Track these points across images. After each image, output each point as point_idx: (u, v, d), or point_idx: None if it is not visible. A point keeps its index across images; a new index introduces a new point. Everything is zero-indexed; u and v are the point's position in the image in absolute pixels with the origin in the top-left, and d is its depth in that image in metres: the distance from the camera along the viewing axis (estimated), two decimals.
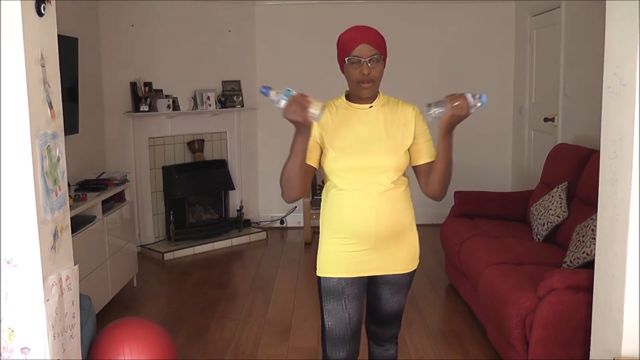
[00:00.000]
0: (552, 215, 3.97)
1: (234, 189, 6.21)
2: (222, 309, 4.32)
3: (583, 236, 3.27)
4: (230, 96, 6.17)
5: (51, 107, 1.96)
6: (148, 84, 5.64)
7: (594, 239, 2.77)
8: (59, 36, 2.04)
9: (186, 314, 4.22)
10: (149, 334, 2.62)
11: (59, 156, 2.01)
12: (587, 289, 2.59)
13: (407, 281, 2.36)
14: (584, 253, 3.19)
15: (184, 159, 5.99)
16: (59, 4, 2.04)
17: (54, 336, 1.93)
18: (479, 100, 1.98)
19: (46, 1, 1.91)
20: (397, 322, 2.48)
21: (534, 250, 3.84)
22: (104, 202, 4.11)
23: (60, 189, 2.02)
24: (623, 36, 2.01)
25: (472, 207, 4.73)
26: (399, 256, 2.28)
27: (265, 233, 6.24)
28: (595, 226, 2.36)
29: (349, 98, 2.27)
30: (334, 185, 2.24)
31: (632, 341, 2.03)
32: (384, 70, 2.20)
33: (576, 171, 4.05)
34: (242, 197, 6.34)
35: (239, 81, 6.26)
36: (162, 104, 5.62)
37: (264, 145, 6.48)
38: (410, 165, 2.28)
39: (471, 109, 1.98)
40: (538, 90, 5.71)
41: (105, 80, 5.32)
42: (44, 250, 1.89)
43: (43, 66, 1.91)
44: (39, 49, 1.88)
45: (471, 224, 4.50)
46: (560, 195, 4.01)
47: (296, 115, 1.92)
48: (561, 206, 3.95)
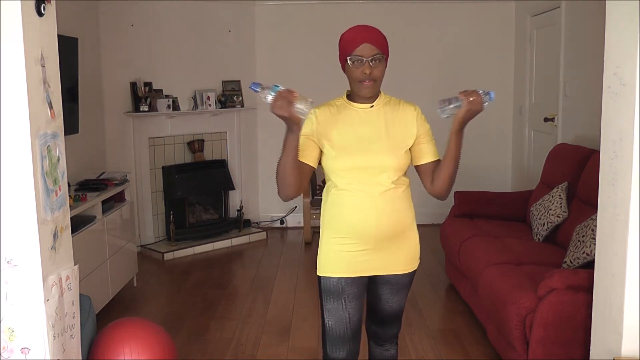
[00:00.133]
0: (552, 215, 3.97)
1: (234, 189, 6.21)
2: (222, 309, 4.32)
3: (583, 236, 3.27)
4: (230, 96, 6.17)
5: (51, 107, 1.96)
6: (148, 84, 5.64)
7: (594, 239, 2.77)
8: (59, 36, 2.04)
9: (186, 314, 4.22)
10: (149, 334, 2.62)
11: (59, 156, 2.01)
12: (587, 289, 2.59)
13: (407, 281, 2.37)
14: (584, 253, 3.19)
15: (184, 159, 5.99)
16: (59, 4, 2.04)
17: (54, 336, 1.93)
18: (487, 97, 2.04)
19: (46, 1, 1.91)
20: (397, 322, 2.49)
21: (534, 250, 3.84)
22: (104, 202, 4.11)
23: (60, 189, 2.02)
24: (623, 36, 2.01)
25: (472, 207, 4.73)
26: (399, 256, 2.28)
27: (265, 233, 6.23)
28: (595, 226, 2.36)
29: (350, 97, 2.27)
30: (335, 185, 2.24)
31: (632, 341, 2.03)
32: (386, 69, 2.20)
33: (576, 171, 4.05)
34: (242, 197, 6.34)
35: (239, 81, 6.26)
36: (162, 104, 5.62)
37: (264, 145, 6.48)
38: (411, 165, 2.28)
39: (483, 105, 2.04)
40: (538, 90, 5.70)
41: (105, 80, 5.32)
42: (44, 250, 1.89)
43: (43, 66, 1.91)
44: (39, 49, 1.88)
45: (471, 224, 4.50)
46: (560, 195, 4.01)
47: (282, 110, 1.94)
48: (561, 206, 3.95)
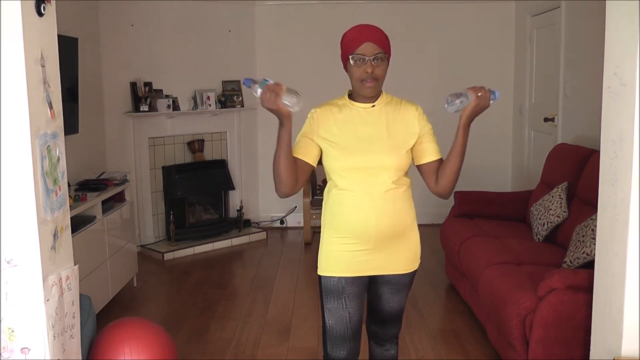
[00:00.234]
0: (552, 215, 3.97)
1: (234, 189, 6.20)
2: (222, 309, 4.32)
3: (583, 236, 3.27)
4: (230, 96, 6.17)
5: (51, 107, 1.96)
6: (148, 84, 5.64)
7: (594, 239, 2.77)
8: (59, 36, 2.04)
9: (186, 314, 4.22)
10: (149, 334, 2.62)
11: (59, 156, 2.01)
12: (587, 289, 2.59)
13: (408, 281, 2.37)
14: (584, 253, 3.19)
15: (184, 159, 5.99)
16: (59, 4, 2.04)
17: (54, 336, 1.93)
18: (493, 96, 2.09)
19: (46, 1, 1.91)
20: (398, 322, 2.49)
21: (534, 250, 3.84)
22: (104, 202, 4.11)
23: (60, 189, 2.02)
24: (623, 36, 2.01)
25: (472, 207, 4.73)
26: (399, 256, 2.28)
27: (265, 233, 6.23)
28: (595, 226, 2.36)
29: (351, 97, 2.27)
30: (335, 185, 2.24)
31: (632, 341, 2.03)
32: (388, 69, 2.20)
33: (576, 171, 4.05)
34: (242, 197, 6.33)
35: (239, 81, 6.25)
36: (162, 104, 5.62)
37: (264, 145, 6.47)
38: (413, 164, 2.28)
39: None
40: (538, 90, 5.70)
41: (105, 80, 5.32)
42: (44, 250, 1.89)
43: (43, 66, 1.91)
44: (39, 49, 1.88)
45: (471, 224, 4.50)
46: (560, 195, 4.01)
47: (270, 103, 1.96)
48: (561, 206, 3.95)
